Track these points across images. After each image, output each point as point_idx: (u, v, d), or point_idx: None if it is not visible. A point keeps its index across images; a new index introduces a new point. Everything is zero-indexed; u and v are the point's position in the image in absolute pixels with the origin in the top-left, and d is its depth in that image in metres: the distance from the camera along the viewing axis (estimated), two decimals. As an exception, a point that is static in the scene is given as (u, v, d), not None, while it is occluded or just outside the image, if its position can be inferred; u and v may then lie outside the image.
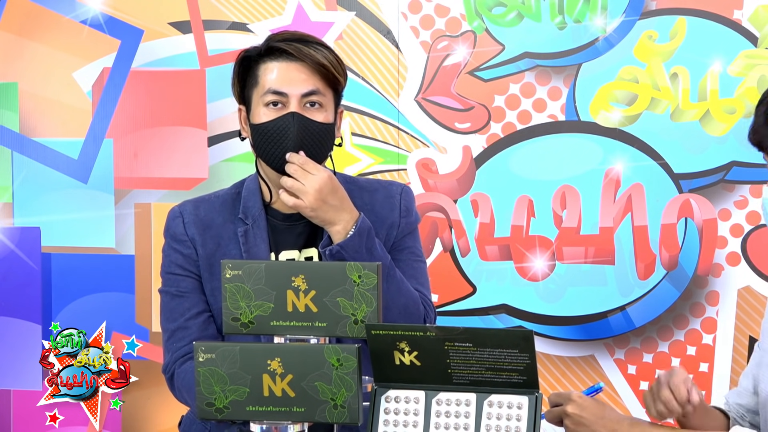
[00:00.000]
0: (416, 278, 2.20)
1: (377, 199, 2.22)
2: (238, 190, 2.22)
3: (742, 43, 2.83)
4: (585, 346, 2.95)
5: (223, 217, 2.18)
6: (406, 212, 2.23)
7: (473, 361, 1.67)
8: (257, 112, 2.12)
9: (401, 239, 2.23)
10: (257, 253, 2.14)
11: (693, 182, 2.88)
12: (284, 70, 2.11)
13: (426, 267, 2.28)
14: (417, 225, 2.27)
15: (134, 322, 3.09)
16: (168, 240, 2.21)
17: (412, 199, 2.26)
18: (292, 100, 2.10)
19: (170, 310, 2.18)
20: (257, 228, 2.16)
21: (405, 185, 2.28)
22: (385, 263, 2.09)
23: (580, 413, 1.85)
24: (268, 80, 2.11)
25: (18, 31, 3.11)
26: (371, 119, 2.98)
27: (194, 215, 2.19)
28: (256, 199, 2.18)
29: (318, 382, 1.66)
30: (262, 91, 2.11)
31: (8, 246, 3.12)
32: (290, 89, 2.10)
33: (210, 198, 2.23)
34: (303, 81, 2.10)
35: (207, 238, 2.16)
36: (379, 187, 2.25)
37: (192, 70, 3.04)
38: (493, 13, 2.92)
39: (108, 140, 3.08)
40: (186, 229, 2.17)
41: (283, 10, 3.00)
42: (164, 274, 2.21)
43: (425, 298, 2.20)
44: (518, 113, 2.93)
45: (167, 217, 2.22)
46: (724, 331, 2.88)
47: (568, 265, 2.93)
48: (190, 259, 2.17)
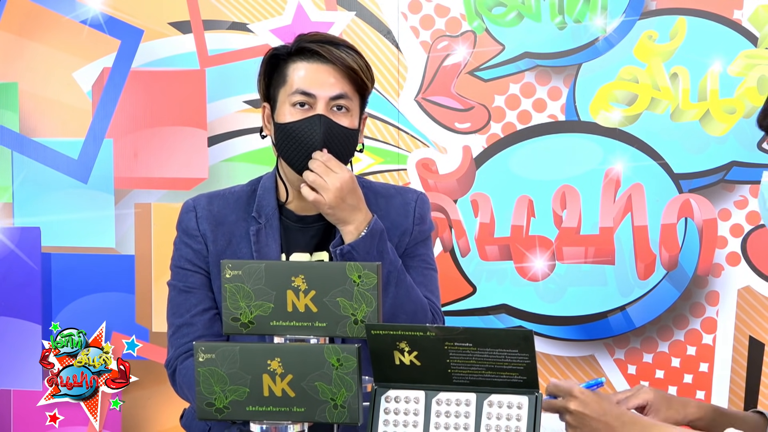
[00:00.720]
0: (426, 286, 2.20)
1: (393, 205, 2.21)
2: (254, 188, 2.21)
3: (742, 43, 2.83)
4: (585, 346, 2.95)
5: (237, 215, 2.17)
6: (420, 220, 2.23)
7: (473, 361, 1.67)
8: (283, 111, 2.11)
9: (413, 246, 2.22)
10: (268, 253, 2.13)
11: (693, 182, 2.88)
12: (314, 72, 2.11)
13: (437, 276, 2.27)
14: (430, 233, 2.27)
15: (134, 322, 3.09)
16: (180, 233, 2.20)
17: (427, 208, 2.26)
18: (319, 102, 2.09)
19: (177, 305, 2.17)
20: (270, 228, 2.15)
21: (421, 193, 2.28)
22: (395, 267, 2.09)
23: (582, 410, 1.82)
24: (297, 80, 2.10)
25: (18, 31, 3.11)
26: (371, 119, 2.98)
27: (207, 210, 2.18)
28: (271, 197, 2.17)
29: (318, 382, 1.66)
30: (289, 91, 2.11)
31: (8, 246, 3.12)
32: (319, 91, 2.09)
33: (225, 194, 2.22)
34: (332, 84, 2.10)
35: (219, 235, 2.16)
36: (395, 194, 2.24)
37: (192, 70, 3.04)
38: (493, 13, 2.92)
39: (108, 140, 3.08)
40: (198, 224, 2.17)
41: (283, 10, 3.00)
42: (173, 268, 2.20)
43: (434, 306, 2.19)
44: (518, 113, 2.93)
45: (181, 210, 2.21)
46: (724, 331, 2.88)
47: (568, 265, 2.93)
48: (200, 254, 2.16)
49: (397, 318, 2.07)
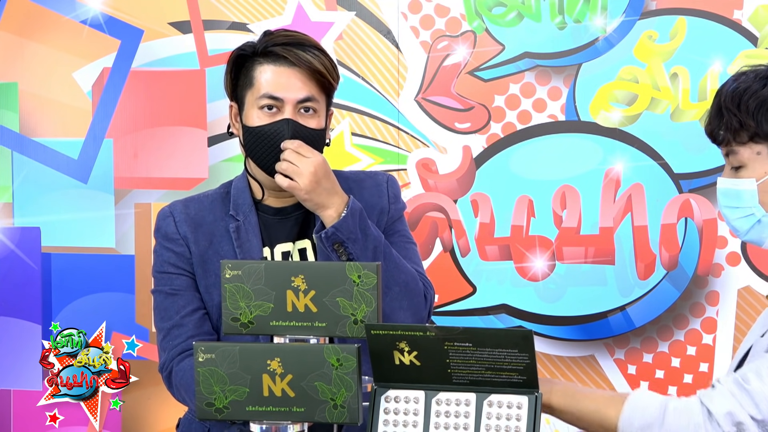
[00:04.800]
0: (410, 258, 2.23)
1: (365, 188, 2.23)
2: (227, 189, 2.23)
3: (742, 43, 2.83)
4: (585, 346, 2.95)
5: (214, 215, 2.18)
6: (394, 198, 2.26)
7: (473, 361, 1.67)
8: (251, 114, 2.12)
9: (392, 224, 2.25)
10: (250, 248, 2.14)
11: (693, 182, 2.88)
12: (280, 75, 2.11)
13: (417, 248, 2.31)
14: (403, 212, 2.30)
15: (134, 322, 3.09)
16: (159, 240, 2.21)
17: (398, 187, 2.31)
18: (287, 105, 2.10)
19: (164, 309, 2.17)
20: (248, 224, 2.16)
21: (390, 175, 2.31)
22: (380, 242, 2.11)
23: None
24: (264, 83, 2.11)
25: (18, 31, 3.11)
26: (371, 119, 2.98)
27: (185, 214, 2.19)
28: (246, 196, 2.19)
29: (318, 382, 1.66)
30: (257, 94, 2.11)
31: (8, 246, 3.13)
32: (286, 94, 2.10)
33: (199, 197, 2.24)
34: (299, 88, 2.10)
35: (199, 236, 2.16)
36: (365, 177, 2.27)
37: (192, 70, 3.04)
38: (493, 13, 2.92)
39: (108, 140, 3.08)
40: (178, 228, 2.17)
41: (283, 10, 3.00)
42: (156, 274, 2.20)
43: (422, 275, 2.22)
44: (518, 113, 2.94)
45: (157, 218, 2.22)
46: (724, 331, 2.89)
47: (568, 265, 2.93)
48: (183, 257, 2.17)
49: (391, 290, 2.09)
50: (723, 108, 1.85)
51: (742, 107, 1.82)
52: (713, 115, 1.88)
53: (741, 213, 1.86)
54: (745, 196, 1.84)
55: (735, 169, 1.86)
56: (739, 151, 1.84)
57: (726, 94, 1.85)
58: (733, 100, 1.83)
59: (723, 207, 1.88)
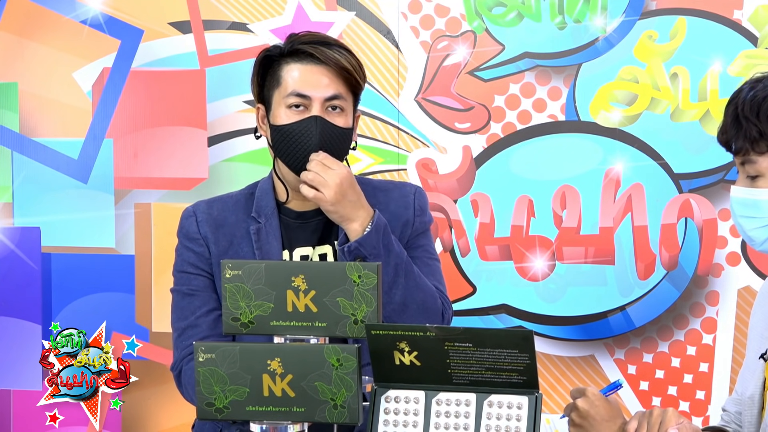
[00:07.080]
0: (432, 275, 2.22)
1: (392, 198, 2.23)
2: (252, 191, 2.24)
3: (742, 43, 2.83)
4: (585, 346, 2.95)
5: (237, 216, 2.19)
6: (420, 211, 2.25)
7: (473, 361, 1.67)
8: (278, 113, 2.13)
9: (415, 238, 2.24)
10: (269, 251, 2.15)
11: (693, 182, 2.88)
12: (308, 73, 2.12)
13: (440, 265, 2.29)
14: (430, 225, 2.29)
15: (134, 322, 3.09)
16: (181, 239, 2.22)
17: (425, 200, 2.28)
18: (314, 103, 2.11)
19: (181, 309, 2.18)
20: (270, 226, 2.17)
21: (419, 186, 2.30)
22: (402, 259, 2.10)
23: (588, 409, 1.83)
24: (291, 82, 2.11)
25: (18, 31, 3.11)
26: (371, 119, 2.98)
27: (207, 214, 2.20)
28: (270, 198, 2.19)
29: (318, 382, 1.66)
30: (284, 93, 2.12)
31: (8, 246, 3.12)
32: (313, 92, 2.11)
33: (224, 198, 2.25)
34: (326, 85, 2.11)
35: (220, 236, 2.17)
36: (393, 187, 2.26)
37: (192, 70, 3.04)
38: (493, 13, 2.92)
39: (108, 140, 3.08)
40: (199, 228, 2.18)
41: (283, 10, 3.00)
42: (176, 273, 2.21)
43: (442, 294, 2.21)
44: (518, 113, 2.94)
45: (181, 217, 2.23)
46: (724, 331, 2.88)
47: (568, 265, 2.93)
48: (203, 257, 2.18)
49: (408, 308, 2.09)
50: (741, 117, 1.80)
51: (761, 116, 1.79)
52: (729, 123, 1.84)
53: (758, 223, 1.83)
54: (763, 206, 1.82)
55: (751, 179, 1.83)
56: (757, 161, 1.81)
57: (744, 102, 1.80)
58: (752, 108, 1.79)
59: (739, 216, 1.85)
